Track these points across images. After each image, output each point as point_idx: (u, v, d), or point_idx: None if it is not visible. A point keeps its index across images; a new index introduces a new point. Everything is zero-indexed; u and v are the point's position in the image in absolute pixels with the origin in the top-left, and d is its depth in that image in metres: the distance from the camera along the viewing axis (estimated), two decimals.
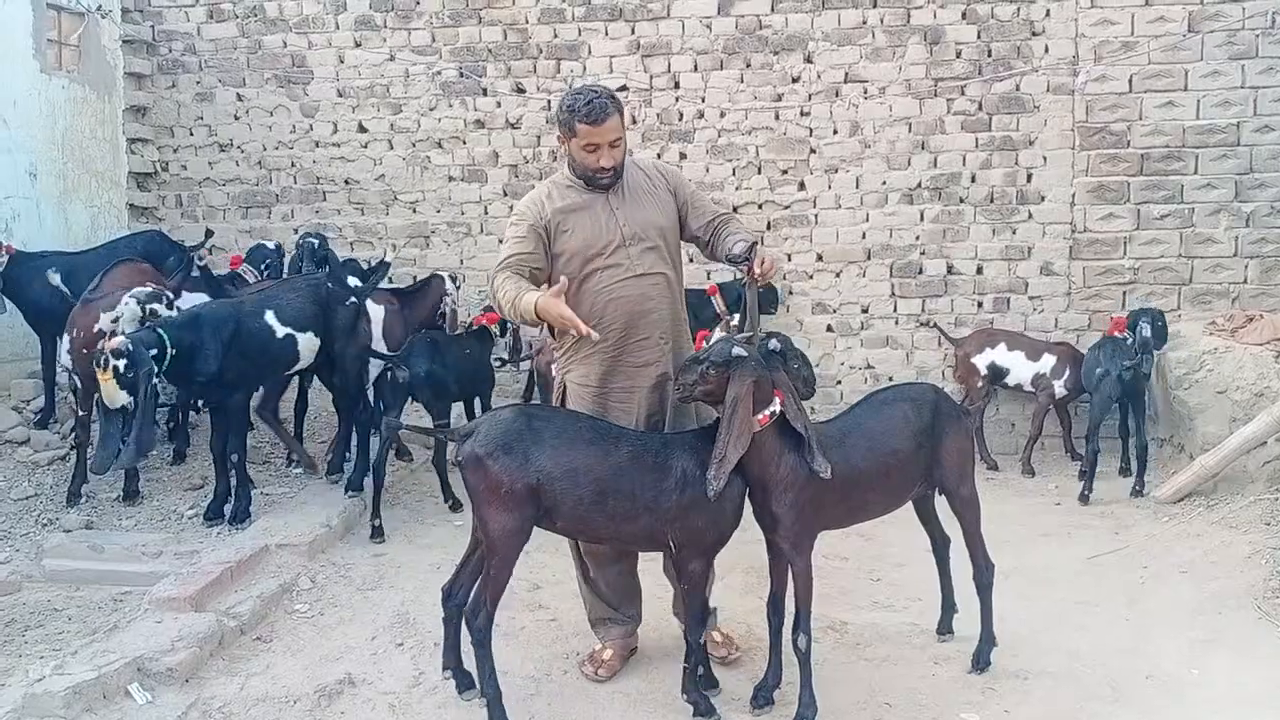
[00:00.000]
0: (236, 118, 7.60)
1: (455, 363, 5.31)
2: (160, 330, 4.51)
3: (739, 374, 2.98)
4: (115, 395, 4.23)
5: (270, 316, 4.90)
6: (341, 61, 7.42)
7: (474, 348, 5.66)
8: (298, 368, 5.14)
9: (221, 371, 4.67)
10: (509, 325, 5.89)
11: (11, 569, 4.35)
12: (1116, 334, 5.86)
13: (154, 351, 4.36)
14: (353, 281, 5.98)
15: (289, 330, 4.94)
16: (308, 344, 5.01)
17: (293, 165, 7.56)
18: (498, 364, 6.42)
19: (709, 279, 6.76)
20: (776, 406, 3.05)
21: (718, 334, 5.83)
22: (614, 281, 3.32)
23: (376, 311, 5.70)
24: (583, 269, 3.33)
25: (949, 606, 3.80)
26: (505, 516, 3.07)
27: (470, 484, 3.12)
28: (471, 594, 3.31)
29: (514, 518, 3.07)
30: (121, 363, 4.21)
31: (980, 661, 3.56)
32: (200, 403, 6.21)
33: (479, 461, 3.07)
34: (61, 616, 3.98)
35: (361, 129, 7.44)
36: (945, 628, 3.81)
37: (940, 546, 3.77)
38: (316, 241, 6.25)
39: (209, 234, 7.20)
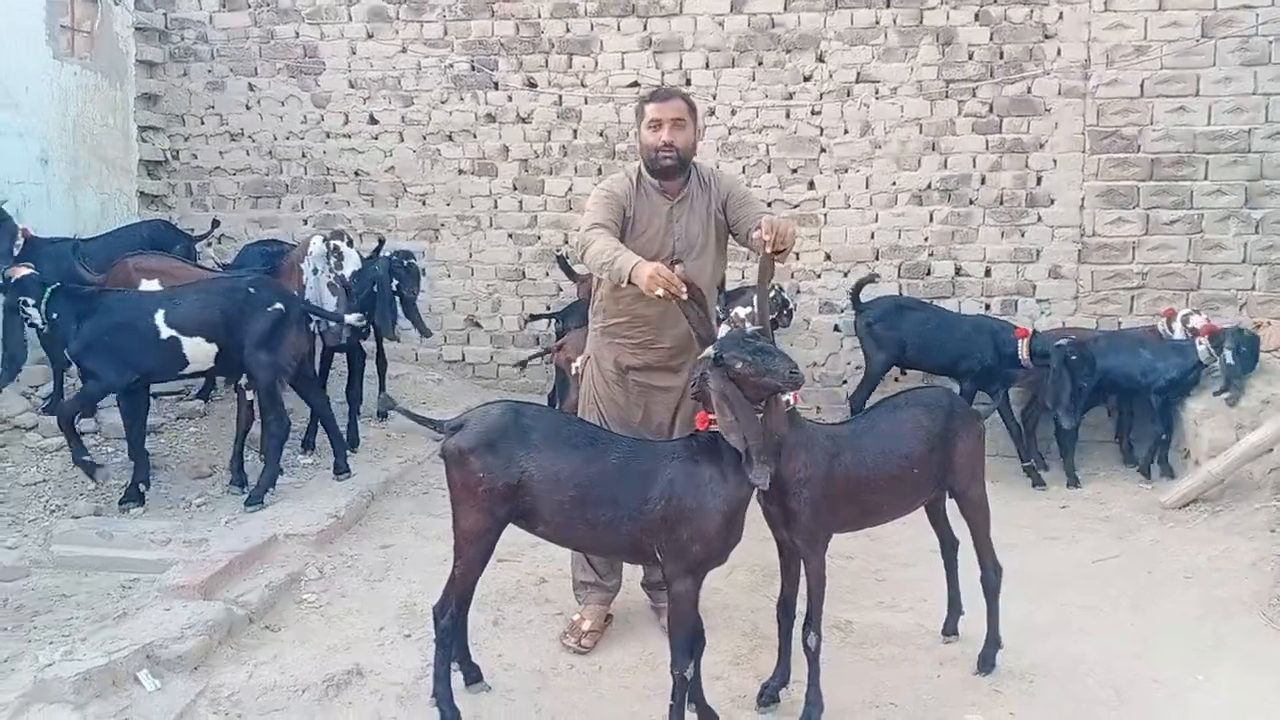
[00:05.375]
0: (248, 107, 7.61)
1: None
2: (50, 284, 4.92)
3: None
4: None
5: (159, 316, 4.83)
6: (353, 53, 7.43)
7: None
8: (191, 370, 5.07)
9: (80, 355, 4.81)
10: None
11: (20, 554, 4.36)
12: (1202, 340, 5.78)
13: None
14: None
15: (173, 333, 4.83)
16: (197, 349, 4.89)
17: (303, 156, 7.57)
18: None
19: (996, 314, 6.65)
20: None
21: (724, 329, 5.83)
22: None
23: None
24: None
25: (955, 608, 3.82)
26: (477, 517, 3.03)
27: (451, 478, 3.09)
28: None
29: (485, 519, 3.02)
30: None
31: (986, 663, 3.58)
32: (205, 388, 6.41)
33: (462, 456, 3.02)
34: (70, 603, 3.98)
35: (372, 120, 7.45)
36: (951, 629, 3.83)
37: (949, 548, 3.78)
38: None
39: (215, 224, 7.23)
